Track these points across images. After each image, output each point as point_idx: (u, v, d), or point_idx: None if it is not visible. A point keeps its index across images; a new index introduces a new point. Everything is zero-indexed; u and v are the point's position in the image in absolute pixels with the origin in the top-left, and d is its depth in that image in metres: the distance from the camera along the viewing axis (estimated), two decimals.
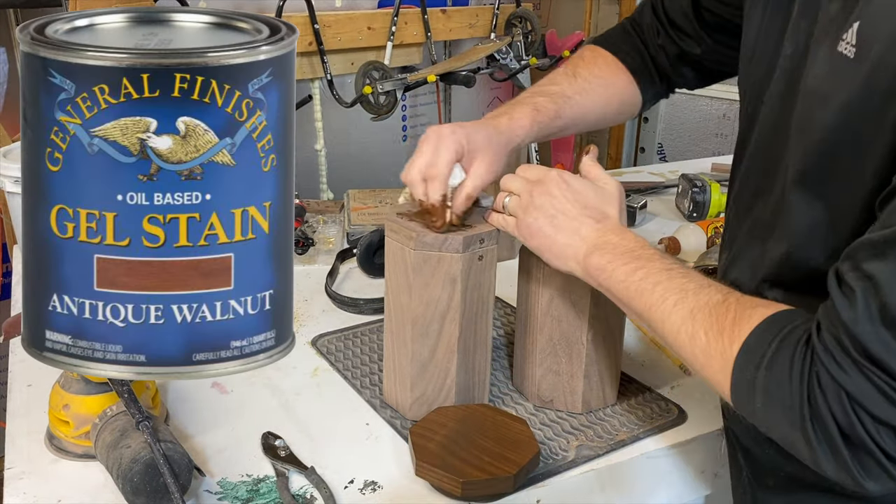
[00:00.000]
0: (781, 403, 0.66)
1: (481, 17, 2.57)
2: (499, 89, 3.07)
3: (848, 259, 0.65)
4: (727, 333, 0.71)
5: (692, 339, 0.75)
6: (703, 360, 0.74)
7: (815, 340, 0.65)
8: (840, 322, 0.63)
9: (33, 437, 0.94)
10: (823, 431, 0.64)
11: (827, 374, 0.63)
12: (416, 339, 0.96)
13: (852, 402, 0.62)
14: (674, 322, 0.77)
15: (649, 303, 0.79)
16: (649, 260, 0.83)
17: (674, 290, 0.78)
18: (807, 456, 0.66)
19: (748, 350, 0.69)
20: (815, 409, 0.64)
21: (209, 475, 0.89)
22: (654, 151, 3.02)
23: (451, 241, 0.92)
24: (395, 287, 0.97)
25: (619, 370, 1.03)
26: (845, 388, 0.62)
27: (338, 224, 1.60)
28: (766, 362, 0.67)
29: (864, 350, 0.61)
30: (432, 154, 0.94)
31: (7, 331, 1.23)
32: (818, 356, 0.64)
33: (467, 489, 0.84)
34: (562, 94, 1.09)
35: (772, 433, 0.70)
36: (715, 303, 0.75)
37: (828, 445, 0.64)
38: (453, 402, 0.98)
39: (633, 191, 1.77)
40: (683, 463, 0.99)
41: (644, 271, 0.82)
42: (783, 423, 0.67)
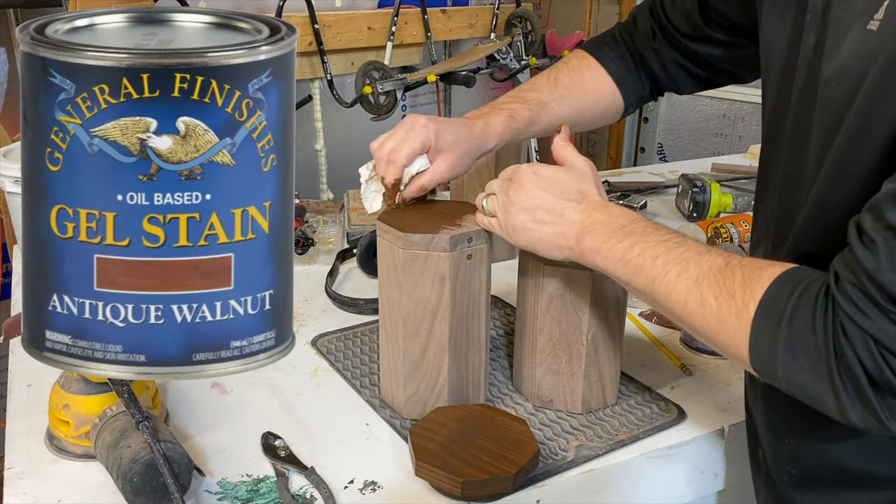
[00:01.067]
0: (807, 357, 0.67)
1: (481, 17, 2.57)
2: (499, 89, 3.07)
3: (870, 210, 0.66)
4: (738, 295, 0.71)
5: (702, 307, 0.74)
6: (716, 325, 0.74)
7: (835, 291, 0.66)
8: (863, 271, 0.64)
9: (33, 437, 0.94)
10: (851, 379, 0.64)
11: (852, 322, 0.64)
12: (407, 337, 0.96)
13: (879, 346, 0.63)
14: (680, 292, 0.76)
15: (651, 277, 0.79)
16: (643, 234, 0.82)
17: (674, 261, 0.78)
18: (832, 407, 0.67)
19: (765, 309, 0.69)
20: (841, 358, 0.65)
21: (209, 475, 0.90)
22: (654, 151, 3.02)
23: (438, 241, 0.93)
24: (387, 286, 0.97)
25: (619, 370, 1.03)
26: (872, 334, 0.63)
27: (338, 224, 1.60)
28: (787, 319, 0.68)
29: (889, 296, 0.62)
30: (400, 140, 1.01)
31: (7, 331, 1.23)
32: (840, 306, 0.65)
33: (467, 489, 0.84)
34: (539, 100, 1.14)
35: (794, 389, 0.69)
36: (719, 267, 0.75)
37: (855, 393, 0.65)
38: (446, 400, 0.99)
39: (633, 191, 1.77)
40: (683, 463, 0.99)
41: (640, 246, 0.81)
42: (808, 377, 0.67)
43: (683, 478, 1.00)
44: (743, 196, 1.68)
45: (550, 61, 2.67)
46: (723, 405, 1.04)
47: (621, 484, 0.95)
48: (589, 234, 0.86)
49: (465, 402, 1.00)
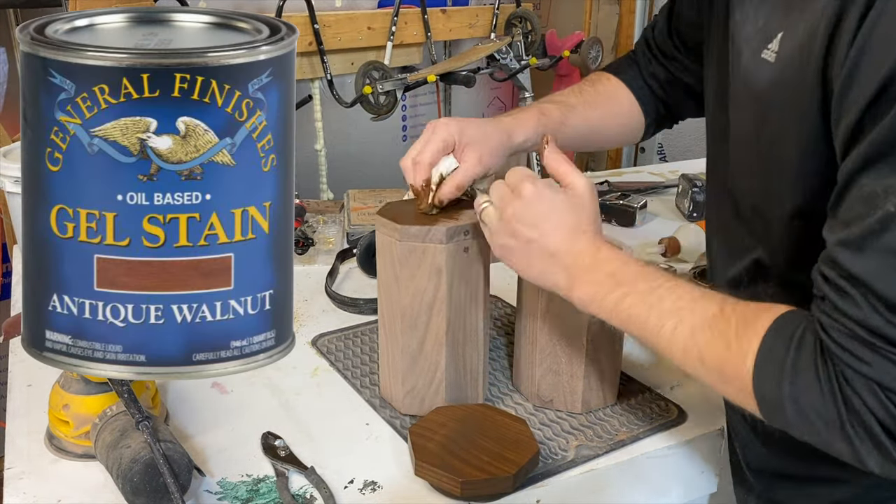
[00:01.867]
0: (814, 410, 0.66)
1: (481, 17, 2.57)
2: (499, 89, 3.07)
3: (829, 264, 0.66)
4: (734, 348, 0.71)
5: (702, 363, 0.74)
6: (719, 382, 0.74)
7: (827, 343, 0.65)
8: (851, 320, 0.63)
9: (33, 437, 0.94)
10: (863, 428, 0.64)
11: (852, 370, 0.63)
12: (405, 331, 0.96)
13: (885, 390, 0.62)
14: (678, 347, 0.76)
15: (647, 330, 0.79)
16: (633, 283, 0.81)
17: (668, 313, 0.77)
18: (848, 455, 0.66)
19: (764, 364, 0.69)
20: (850, 407, 0.64)
21: (209, 475, 0.90)
22: (654, 151, 3.02)
23: (435, 232, 0.93)
24: (385, 280, 0.97)
25: (619, 370, 1.03)
26: (874, 379, 0.62)
27: (338, 224, 1.60)
28: (789, 374, 0.67)
29: (884, 338, 0.62)
30: (423, 143, 1.00)
31: (7, 331, 1.23)
32: (837, 356, 0.64)
33: (467, 489, 0.84)
34: (567, 103, 1.14)
35: (808, 438, 0.69)
36: (712, 316, 0.74)
37: (870, 441, 0.64)
38: (444, 396, 0.99)
39: (633, 191, 1.77)
40: (683, 463, 0.99)
41: (631, 298, 0.80)
42: (819, 428, 0.67)
43: (683, 478, 1.00)
44: None
45: (550, 61, 2.67)
46: (723, 405, 1.04)
47: (621, 484, 0.95)
48: (578, 286, 0.85)
49: (464, 400, 1.00)
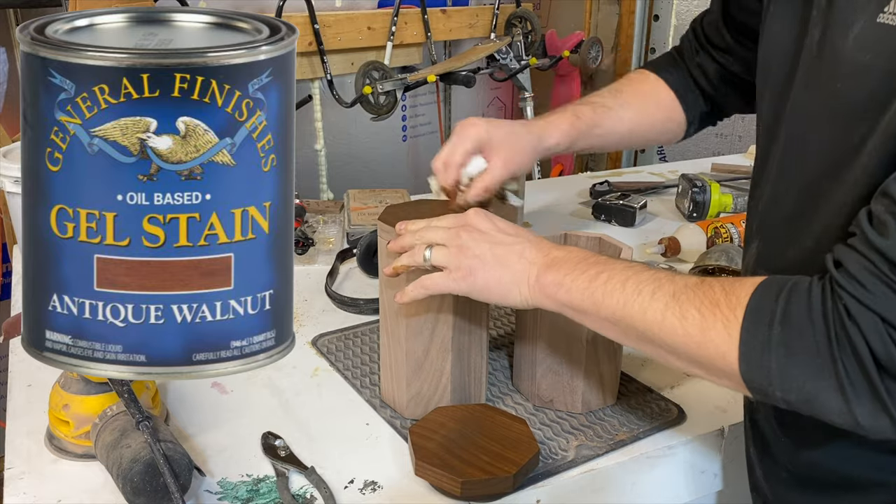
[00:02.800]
0: (805, 353, 0.64)
1: (481, 17, 2.57)
2: (499, 89, 3.08)
3: (881, 196, 0.64)
4: (723, 304, 0.69)
5: (683, 319, 0.71)
6: (700, 337, 0.70)
7: (836, 276, 0.63)
8: (873, 249, 0.62)
9: (33, 437, 0.94)
10: (859, 367, 0.61)
11: (857, 302, 0.61)
12: (410, 337, 0.96)
13: (888, 326, 0.60)
14: (656, 309, 0.73)
15: (623, 300, 0.76)
16: (608, 263, 0.80)
17: (647, 282, 0.75)
18: (836, 406, 0.63)
19: (754, 311, 0.67)
20: (844, 346, 0.62)
21: (209, 475, 0.90)
22: (654, 151, 3.02)
23: None
24: (388, 285, 0.97)
25: (619, 370, 1.04)
26: (880, 313, 0.61)
27: (338, 224, 1.60)
28: (779, 317, 0.65)
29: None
30: (453, 144, 1.02)
31: (7, 331, 1.24)
32: (844, 288, 0.62)
33: (467, 489, 0.84)
34: (603, 104, 1.14)
35: (791, 396, 0.66)
36: (695, 283, 0.73)
37: (865, 382, 0.62)
38: (449, 400, 0.99)
39: (633, 191, 1.77)
40: (683, 463, 0.99)
41: (607, 273, 0.79)
42: (807, 376, 0.64)
43: (683, 478, 1.00)
44: (743, 196, 1.68)
45: (550, 61, 2.68)
46: (723, 405, 1.04)
47: (621, 484, 0.95)
48: (549, 271, 0.83)
49: (467, 401, 1.00)
